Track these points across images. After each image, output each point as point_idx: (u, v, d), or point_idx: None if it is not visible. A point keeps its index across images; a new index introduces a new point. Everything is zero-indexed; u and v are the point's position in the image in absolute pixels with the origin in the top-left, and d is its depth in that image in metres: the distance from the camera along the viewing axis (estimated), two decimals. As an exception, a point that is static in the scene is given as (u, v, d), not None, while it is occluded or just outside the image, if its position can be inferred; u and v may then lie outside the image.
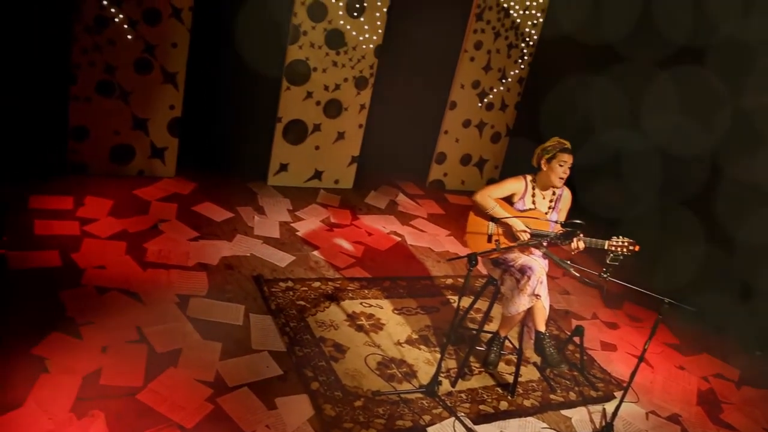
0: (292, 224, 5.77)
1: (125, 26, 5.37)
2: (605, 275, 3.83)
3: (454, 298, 5.29)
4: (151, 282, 4.49)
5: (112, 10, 5.29)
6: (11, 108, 5.34)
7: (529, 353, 4.64)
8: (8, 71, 5.28)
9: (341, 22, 6.14)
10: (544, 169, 4.22)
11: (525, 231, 4.10)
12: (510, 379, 4.40)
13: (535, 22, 7.16)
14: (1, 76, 5.24)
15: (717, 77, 6.04)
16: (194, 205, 5.62)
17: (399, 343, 4.55)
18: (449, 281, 5.56)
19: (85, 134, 5.59)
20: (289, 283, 4.87)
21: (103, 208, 5.24)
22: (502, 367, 4.53)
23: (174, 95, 5.78)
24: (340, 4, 6.06)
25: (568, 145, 4.19)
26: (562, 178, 4.21)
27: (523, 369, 4.54)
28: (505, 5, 6.93)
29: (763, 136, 5.77)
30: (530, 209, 4.23)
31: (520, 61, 7.31)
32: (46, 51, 5.44)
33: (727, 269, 5.67)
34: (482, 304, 5.02)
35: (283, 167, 6.45)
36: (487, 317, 4.58)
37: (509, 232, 4.20)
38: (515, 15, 7.03)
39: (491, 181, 7.70)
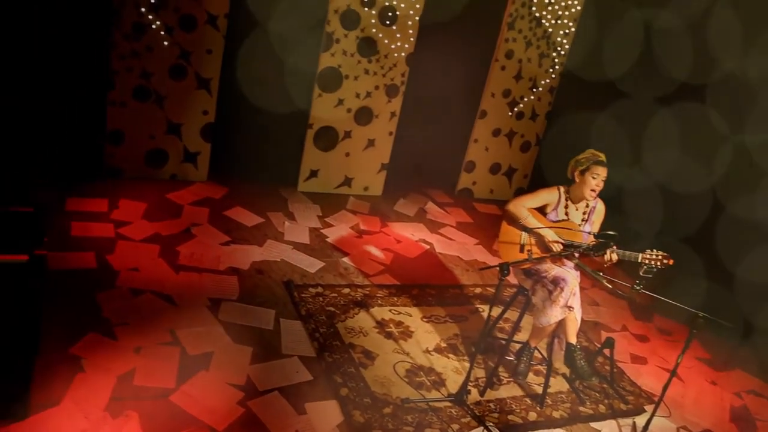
0: (321, 230, 5.81)
1: (162, 33, 5.47)
2: (638, 288, 3.79)
3: (482, 307, 5.28)
4: (184, 285, 4.55)
5: (150, 17, 5.38)
6: (50, 112, 5.45)
7: (559, 364, 4.62)
8: (49, 76, 5.39)
9: (374, 30, 6.17)
10: (577, 181, 4.20)
11: (558, 242, 4.08)
12: (539, 389, 4.38)
13: (567, 31, 7.14)
14: (42, 80, 5.34)
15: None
16: (225, 209, 5.68)
17: (428, 351, 4.55)
18: (478, 290, 5.55)
19: (121, 138, 5.68)
20: (319, 289, 4.90)
21: (137, 211, 5.32)
22: (530, 377, 4.51)
23: (207, 101, 5.86)
24: (373, 12, 6.10)
25: (602, 157, 4.17)
26: (594, 191, 4.18)
27: (552, 380, 4.51)
28: (537, 14, 6.92)
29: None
30: (563, 220, 4.22)
31: (551, 70, 7.29)
32: (86, 57, 5.55)
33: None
34: (511, 314, 5.01)
35: (314, 173, 6.49)
36: (517, 327, 4.57)
37: (542, 243, 4.18)
38: (547, 24, 7.02)
39: (520, 191, 7.69)
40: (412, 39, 6.38)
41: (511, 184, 7.73)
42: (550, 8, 6.95)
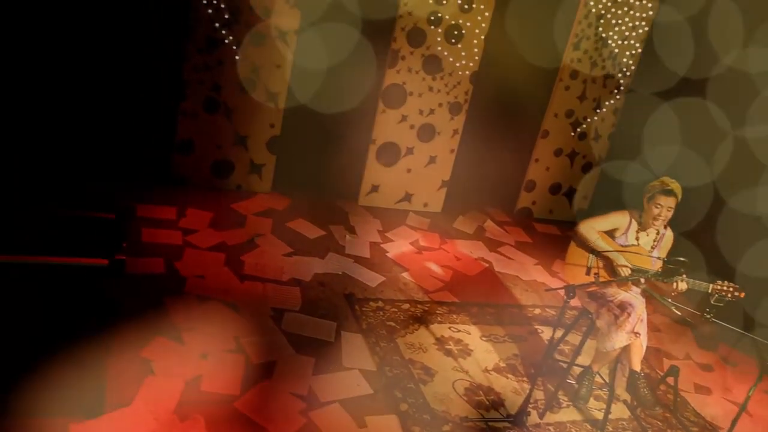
0: (382, 245, 5.85)
1: (234, 47, 5.62)
2: (709, 316, 3.71)
3: (541, 328, 5.23)
4: (248, 294, 4.65)
5: (223, 32, 5.55)
6: (125, 120, 5.65)
7: (620, 390, 4.53)
8: (124, 86, 5.59)
9: (439, 48, 6.22)
10: (645, 207, 4.14)
11: (626, 266, 4.03)
12: (598, 415, 4.31)
13: (633, 52, 7.06)
14: (118, 90, 5.55)
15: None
16: (288, 221, 5.78)
17: (487, 371, 4.53)
18: (537, 311, 5.50)
19: (190, 148, 5.85)
20: (380, 303, 4.94)
21: (203, 219, 5.47)
22: (591, 402, 4.44)
23: (274, 114, 5.99)
24: (439, 30, 6.15)
25: (670, 186, 4.05)
26: (656, 220, 4.10)
27: (613, 406, 4.42)
28: (604, 35, 6.86)
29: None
30: (632, 245, 4.16)
31: (616, 91, 7.21)
32: (160, 69, 5.74)
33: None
34: (571, 337, 4.95)
35: (374, 188, 6.56)
36: (579, 350, 4.51)
37: (609, 266, 4.13)
38: (613, 45, 6.95)
39: (580, 212, 7.59)
40: (476, 57, 6.41)
41: (571, 205, 7.65)
42: (617, 29, 6.89)
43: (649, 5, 6.88)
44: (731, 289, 3.81)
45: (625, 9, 6.83)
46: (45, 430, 3.14)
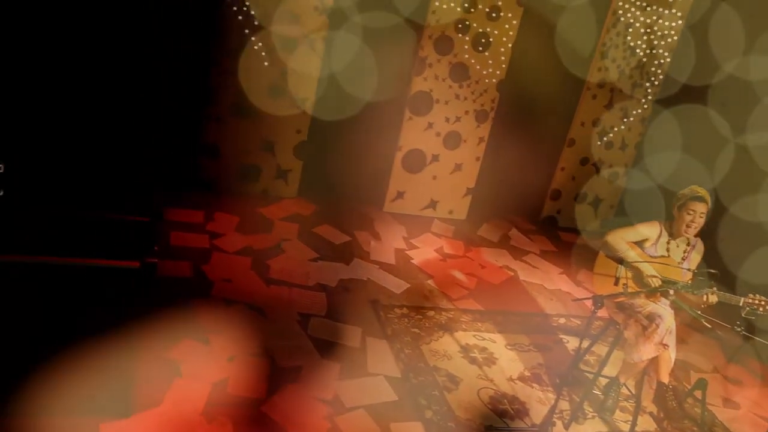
0: (407, 251, 5.86)
1: (263, 53, 5.67)
2: (740, 329, 3.67)
3: (567, 338, 5.19)
4: (274, 298, 4.68)
5: (253, 38, 5.60)
6: (155, 125, 5.71)
7: (647, 402, 4.48)
8: (154, 91, 5.66)
9: (466, 56, 6.23)
10: (676, 216, 4.11)
11: (655, 276, 3.99)
12: (624, 427, 4.27)
13: (662, 61, 7.00)
14: (149, 95, 5.62)
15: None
16: (314, 226, 5.81)
17: (512, 379, 4.51)
18: (562, 320, 5.47)
19: (217, 152, 5.91)
20: (404, 310, 4.94)
21: (230, 223, 5.51)
22: (617, 414, 4.40)
23: (301, 120, 6.03)
24: (467, 38, 6.16)
25: (701, 193, 4.03)
26: (689, 227, 4.07)
27: (639, 418, 4.38)
28: (632, 44, 6.82)
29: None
30: (662, 256, 4.12)
31: (643, 100, 7.16)
32: (189, 73, 5.81)
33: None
34: (597, 347, 4.91)
35: (400, 195, 6.57)
36: (606, 361, 4.47)
37: (638, 277, 4.10)
38: (641, 54, 6.91)
39: (606, 222, 7.54)
40: (503, 65, 6.40)
41: (596, 214, 7.59)
42: (645, 38, 6.85)
43: (678, 14, 6.83)
44: (763, 302, 3.76)
45: (654, 18, 6.79)
46: (76, 429, 3.19)
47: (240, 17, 5.50)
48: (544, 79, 6.91)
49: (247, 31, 5.57)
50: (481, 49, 6.26)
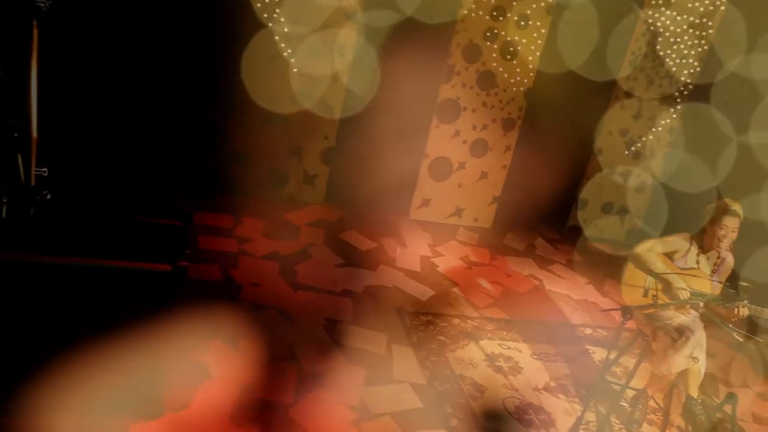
0: (432, 259, 5.87)
1: (291, 60, 5.72)
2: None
3: (593, 349, 5.16)
4: (301, 303, 4.71)
5: (282, 45, 5.66)
6: (185, 130, 5.80)
7: (675, 416, 4.44)
8: (184, 97, 5.74)
9: (494, 64, 6.23)
10: (707, 230, 4.07)
11: (685, 289, 3.95)
12: (651, 440, 4.23)
13: (691, 71, 6.95)
14: (178, 101, 5.71)
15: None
16: (341, 232, 5.84)
17: (537, 389, 4.49)
18: (588, 331, 5.44)
19: (246, 158, 5.96)
20: (430, 318, 4.95)
21: (257, 228, 5.56)
22: (644, 426, 4.36)
23: (329, 126, 6.08)
24: (495, 47, 6.16)
25: (734, 207, 3.99)
26: (721, 241, 4.02)
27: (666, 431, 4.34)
28: (661, 53, 6.77)
29: None
30: (692, 268, 4.08)
31: (672, 110, 7.10)
32: (218, 79, 5.87)
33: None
34: (624, 359, 4.87)
35: (426, 202, 6.58)
36: (634, 373, 4.43)
37: (667, 289, 4.06)
38: (671, 63, 6.85)
39: (632, 232, 7.48)
40: (531, 74, 6.39)
41: (623, 224, 7.54)
42: (675, 47, 6.80)
43: (709, 23, 6.77)
44: (795, 316, 3.71)
45: (684, 27, 6.74)
46: (106, 429, 3.24)
47: (270, 24, 5.56)
48: (572, 88, 6.87)
49: (277, 37, 5.62)
50: (509, 57, 6.26)
